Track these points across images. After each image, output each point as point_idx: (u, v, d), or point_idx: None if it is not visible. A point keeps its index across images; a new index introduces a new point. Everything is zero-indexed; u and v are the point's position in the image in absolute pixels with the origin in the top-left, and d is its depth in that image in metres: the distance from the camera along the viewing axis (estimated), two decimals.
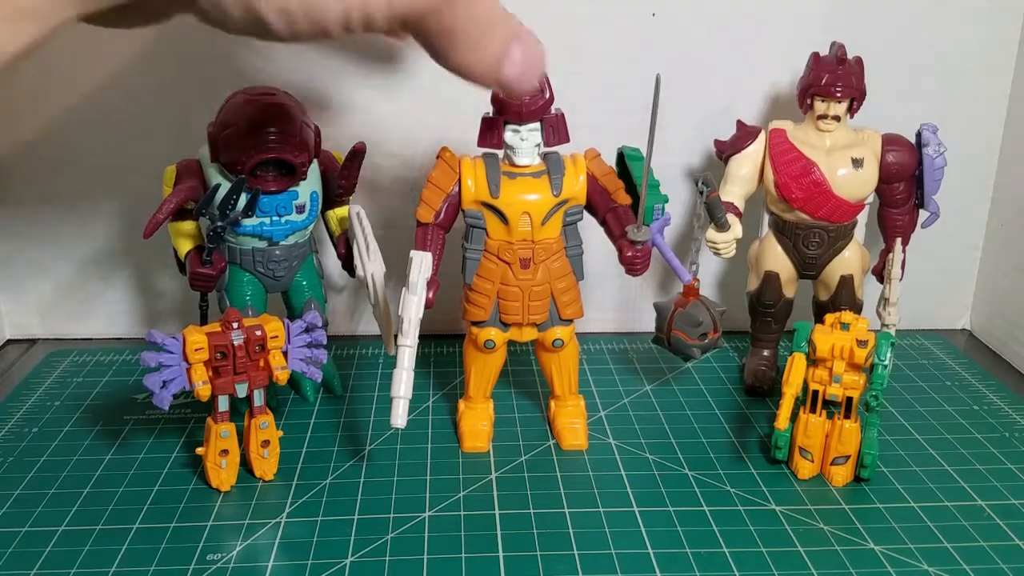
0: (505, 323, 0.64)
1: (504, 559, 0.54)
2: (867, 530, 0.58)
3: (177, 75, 0.77)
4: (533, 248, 0.61)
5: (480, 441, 0.66)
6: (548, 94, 0.59)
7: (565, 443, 0.67)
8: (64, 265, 0.84)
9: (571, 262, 0.64)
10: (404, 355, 0.58)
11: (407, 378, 0.58)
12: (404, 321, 0.58)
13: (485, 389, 0.67)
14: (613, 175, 0.63)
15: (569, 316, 0.64)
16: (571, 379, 0.68)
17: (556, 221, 0.62)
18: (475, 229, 0.62)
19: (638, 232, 0.60)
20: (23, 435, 0.68)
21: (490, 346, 0.64)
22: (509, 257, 0.62)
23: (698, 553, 0.55)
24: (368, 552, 0.55)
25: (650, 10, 0.78)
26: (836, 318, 0.62)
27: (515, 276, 0.62)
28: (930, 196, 0.72)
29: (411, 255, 0.59)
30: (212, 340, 0.57)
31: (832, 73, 0.69)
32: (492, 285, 0.63)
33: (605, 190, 0.62)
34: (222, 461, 0.60)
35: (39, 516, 0.58)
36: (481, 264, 0.63)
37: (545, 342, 0.65)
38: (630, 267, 0.61)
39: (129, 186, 0.80)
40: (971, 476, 0.64)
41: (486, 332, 0.64)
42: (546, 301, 0.63)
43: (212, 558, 0.54)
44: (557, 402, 0.69)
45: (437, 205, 0.62)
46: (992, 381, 0.79)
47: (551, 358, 0.67)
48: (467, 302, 0.64)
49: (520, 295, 0.62)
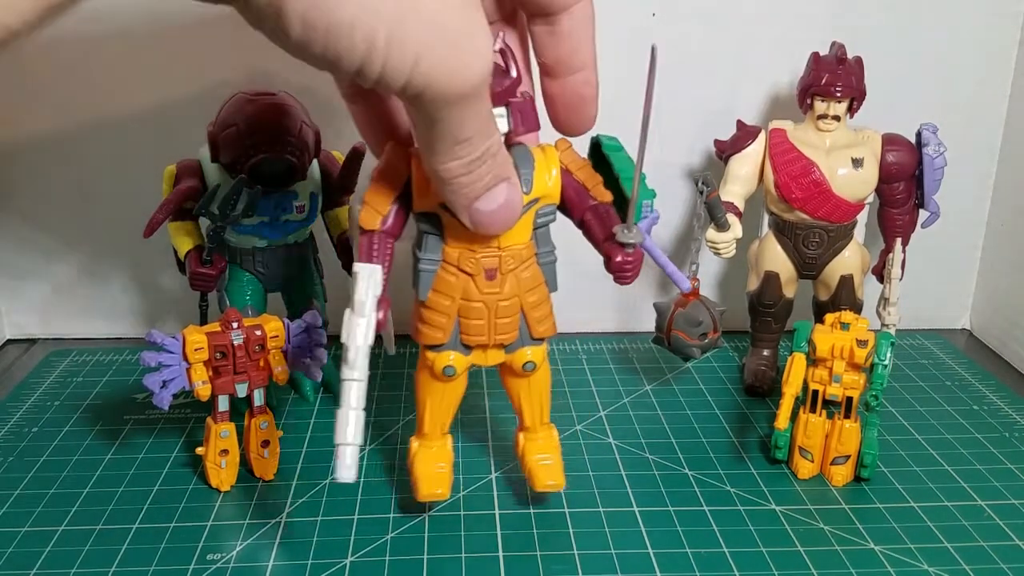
0: (467, 345, 0.54)
1: (504, 559, 0.54)
2: (867, 530, 0.58)
3: (177, 75, 0.77)
4: (500, 256, 0.52)
5: (439, 486, 0.57)
6: (516, 73, 0.48)
7: (538, 483, 0.57)
8: (64, 265, 0.84)
9: (543, 271, 0.54)
10: (351, 391, 0.46)
11: (355, 420, 0.46)
12: (350, 349, 0.46)
13: (443, 424, 0.58)
14: (589, 168, 0.54)
15: (541, 334, 0.55)
16: (543, 407, 0.58)
17: (526, 224, 0.52)
18: (430, 235, 0.52)
19: (628, 233, 0.51)
20: (23, 435, 0.68)
21: (450, 373, 0.54)
22: (471, 268, 0.52)
23: (698, 553, 0.55)
24: (368, 552, 0.55)
25: (650, 10, 0.78)
26: (836, 318, 0.62)
27: (479, 290, 0.52)
28: (930, 196, 0.72)
29: (355, 269, 0.48)
30: (212, 340, 0.57)
31: (832, 73, 0.69)
32: (451, 301, 0.53)
33: (582, 186, 0.53)
34: (222, 461, 0.60)
35: (39, 516, 0.58)
36: (438, 277, 0.52)
37: (514, 365, 0.56)
38: (620, 274, 0.52)
39: (129, 186, 0.80)
40: (971, 476, 0.64)
41: (444, 357, 0.54)
42: (515, 318, 0.54)
43: (212, 558, 0.54)
44: (526, 435, 0.59)
45: (384, 208, 0.51)
46: (992, 381, 0.79)
47: (520, 384, 0.57)
48: (420, 322, 0.54)
49: (485, 312, 0.53)
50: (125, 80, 0.77)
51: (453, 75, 0.38)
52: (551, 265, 0.54)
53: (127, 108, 0.78)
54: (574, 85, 0.50)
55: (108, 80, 0.77)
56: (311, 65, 0.38)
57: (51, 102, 0.78)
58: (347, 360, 0.46)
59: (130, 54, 0.76)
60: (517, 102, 0.49)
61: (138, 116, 0.78)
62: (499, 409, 0.71)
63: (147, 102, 0.78)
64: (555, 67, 0.50)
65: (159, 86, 0.77)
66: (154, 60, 0.76)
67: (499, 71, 0.47)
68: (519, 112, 0.49)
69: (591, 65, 0.50)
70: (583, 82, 0.50)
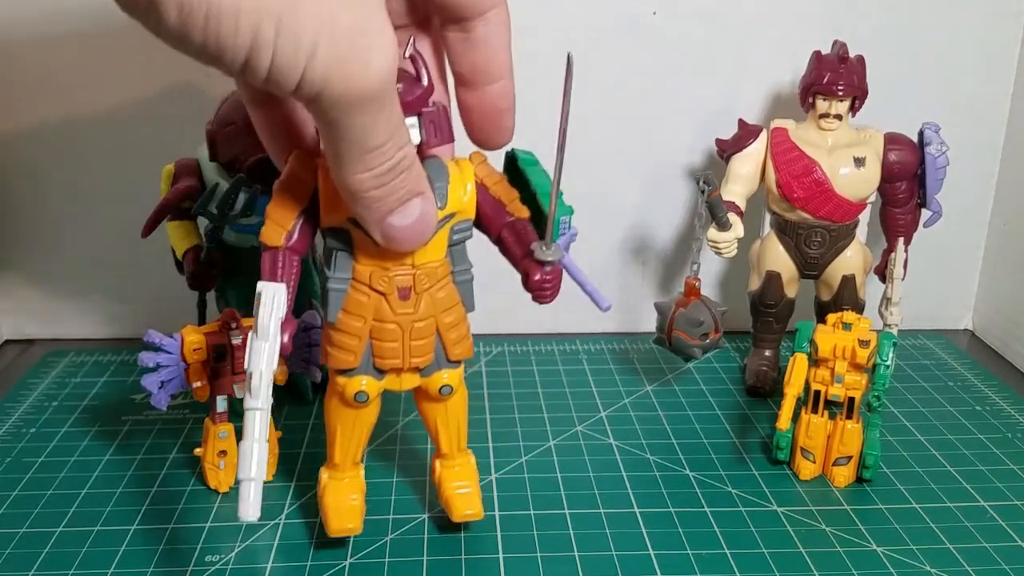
0: (380, 369, 0.52)
1: (504, 560, 0.54)
2: (869, 531, 0.57)
3: (176, 74, 0.76)
4: (414, 274, 0.49)
5: (351, 520, 0.54)
6: (427, 81, 0.46)
7: (456, 513, 0.55)
8: (62, 265, 0.84)
9: (459, 290, 0.51)
10: (254, 422, 0.43)
11: (259, 453, 0.43)
12: (253, 376, 0.44)
13: (355, 453, 0.55)
14: (505, 182, 0.51)
15: (458, 356, 0.53)
16: (460, 433, 0.56)
17: (441, 240, 0.49)
18: (339, 252, 0.49)
19: (546, 251, 0.49)
20: (20, 436, 0.68)
21: (362, 399, 0.52)
22: (384, 287, 0.49)
23: (699, 554, 0.55)
24: (368, 553, 0.55)
25: (650, 9, 0.78)
26: (838, 318, 0.62)
27: (392, 310, 0.50)
28: (932, 195, 0.72)
29: (259, 289, 0.45)
30: (210, 340, 0.57)
31: (834, 72, 0.69)
32: (363, 323, 0.50)
33: (499, 201, 0.51)
34: (220, 462, 0.60)
35: (36, 517, 0.58)
36: (348, 297, 0.50)
37: (430, 389, 0.53)
38: (539, 292, 0.50)
39: (127, 185, 0.79)
40: (974, 477, 0.64)
41: (356, 382, 0.51)
42: (431, 339, 0.51)
43: (211, 559, 0.54)
44: (443, 462, 0.57)
45: (288, 223, 0.48)
46: (995, 381, 0.79)
47: (437, 409, 0.55)
48: (330, 345, 0.51)
49: (399, 334, 0.50)
50: (124, 78, 0.77)
51: (352, 75, 0.35)
52: (468, 284, 0.52)
53: (126, 107, 0.78)
54: (491, 96, 0.48)
55: (107, 79, 0.77)
56: (195, 59, 0.34)
57: (50, 101, 0.78)
58: (250, 388, 0.44)
59: (129, 52, 0.75)
60: (430, 112, 0.47)
61: (137, 115, 0.78)
62: (498, 410, 0.71)
63: (146, 101, 0.77)
64: (471, 77, 0.47)
65: (158, 85, 0.77)
66: (153, 58, 0.76)
67: (410, 79, 0.46)
68: (432, 123, 0.47)
69: (508, 74, 0.48)
70: (500, 93, 0.48)
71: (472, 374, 0.56)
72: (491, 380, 0.77)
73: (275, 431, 0.62)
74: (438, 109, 0.47)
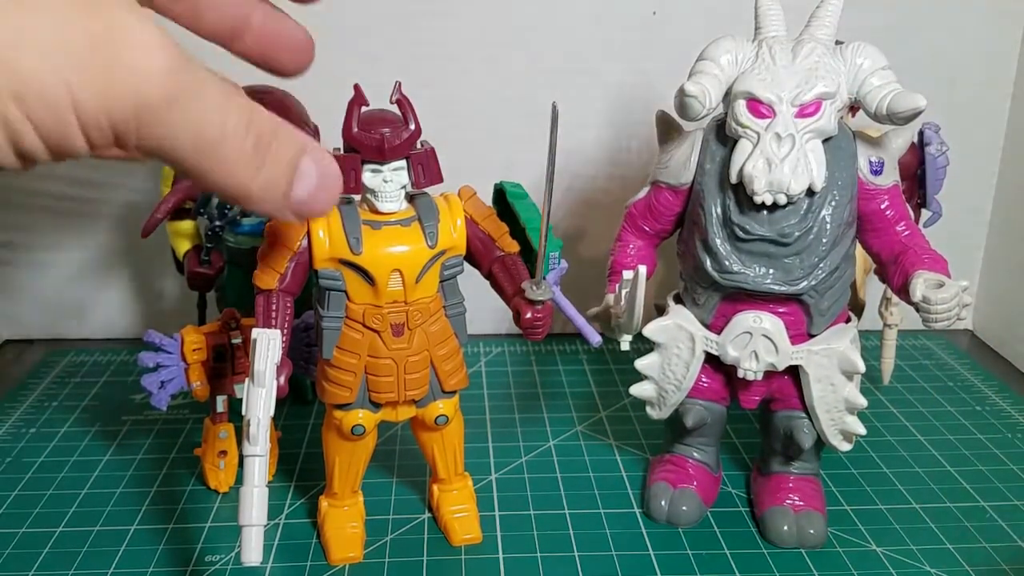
0: (375, 403, 0.53)
1: (504, 561, 0.54)
2: (869, 531, 0.57)
3: None
4: (407, 311, 0.50)
5: (352, 549, 0.54)
6: (413, 124, 0.48)
7: (455, 538, 0.56)
8: (62, 265, 0.84)
9: (452, 323, 0.52)
10: (254, 468, 0.44)
11: (259, 499, 0.44)
12: (251, 423, 0.44)
13: (353, 482, 0.56)
14: (495, 217, 0.52)
15: (453, 387, 0.54)
16: (457, 458, 0.57)
17: (432, 276, 0.50)
18: (332, 292, 0.50)
19: (537, 290, 0.48)
20: (20, 436, 0.68)
21: (359, 432, 0.52)
22: (378, 324, 0.50)
23: (699, 555, 0.55)
24: (368, 553, 0.55)
25: (650, 9, 0.78)
26: None
27: (386, 346, 0.50)
28: (932, 196, 0.72)
29: (254, 336, 0.46)
30: (210, 340, 0.57)
31: None
32: (358, 359, 0.51)
33: (488, 236, 0.52)
34: (220, 462, 0.60)
35: (36, 517, 0.58)
36: (343, 335, 0.50)
37: (426, 420, 0.54)
38: (530, 331, 0.49)
39: (127, 185, 0.79)
40: (973, 477, 0.64)
41: (352, 416, 0.52)
42: (425, 373, 0.52)
43: (211, 559, 0.54)
44: (441, 487, 0.58)
45: (281, 266, 0.49)
46: (994, 382, 0.79)
47: (433, 438, 0.56)
48: (326, 380, 0.52)
49: (394, 368, 0.51)
50: None
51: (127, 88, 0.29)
52: (460, 317, 0.53)
53: None
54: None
55: None
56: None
57: None
58: (248, 435, 0.44)
59: None
60: (418, 154, 0.49)
61: None
62: (498, 410, 0.71)
63: None
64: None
65: None
66: None
67: (397, 122, 0.48)
68: (420, 164, 0.49)
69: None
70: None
71: (472, 374, 0.56)
72: (491, 380, 0.77)
73: (275, 431, 0.62)
74: (426, 151, 0.49)
